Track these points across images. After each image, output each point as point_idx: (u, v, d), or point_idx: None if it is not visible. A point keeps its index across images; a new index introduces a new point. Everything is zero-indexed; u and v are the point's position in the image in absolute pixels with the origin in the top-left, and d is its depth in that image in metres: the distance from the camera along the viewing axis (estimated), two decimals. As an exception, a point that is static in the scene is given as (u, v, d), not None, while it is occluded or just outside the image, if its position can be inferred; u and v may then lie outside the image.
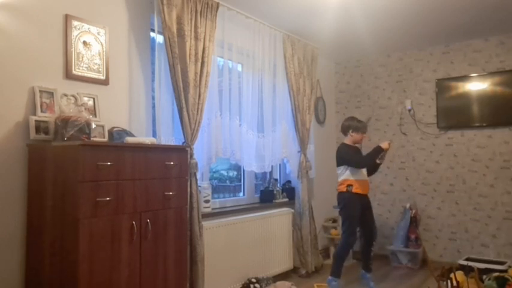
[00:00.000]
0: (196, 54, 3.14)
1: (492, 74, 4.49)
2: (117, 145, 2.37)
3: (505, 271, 3.01)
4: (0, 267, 2.24)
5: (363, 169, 3.84)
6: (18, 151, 2.32)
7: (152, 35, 3.13)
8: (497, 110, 4.44)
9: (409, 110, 5.00)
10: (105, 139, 2.64)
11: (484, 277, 2.79)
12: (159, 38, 3.10)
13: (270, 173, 4.53)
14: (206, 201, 3.41)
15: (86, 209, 2.09)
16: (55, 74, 2.51)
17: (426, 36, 4.52)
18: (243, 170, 4.09)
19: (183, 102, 3.01)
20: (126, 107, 2.91)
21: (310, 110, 4.54)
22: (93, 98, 2.66)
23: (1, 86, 2.27)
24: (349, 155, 3.79)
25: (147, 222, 2.40)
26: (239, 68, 3.90)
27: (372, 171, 3.97)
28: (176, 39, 2.99)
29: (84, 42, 2.64)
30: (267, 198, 4.24)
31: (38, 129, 2.34)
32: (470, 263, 3.39)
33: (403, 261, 4.68)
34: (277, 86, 4.22)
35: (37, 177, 2.31)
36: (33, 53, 2.41)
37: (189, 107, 3.06)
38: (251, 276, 3.64)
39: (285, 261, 4.16)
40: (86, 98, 2.62)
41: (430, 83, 4.89)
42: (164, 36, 2.94)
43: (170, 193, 2.56)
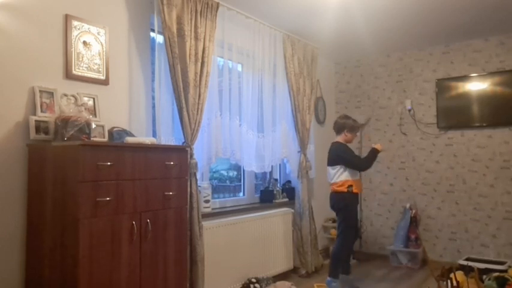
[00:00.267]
0: (196, 54, 3.14)
1: (492, 74, 4.49)
2: (117, 145, 2.37)
3: (505, 271, 3.01)
4: (0, 267, 2.24)
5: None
6: (18, 151, 2.32)
7: (152, 35, 3.13)
8: (497, 110, 4.44)
9: (409, 110, 5.00)
10: (105, 139, 2.64)
11: (484, 277, 2.79)
12: (159, 38, 3.10)
13: (270, 173, 4.53)
14: (206, 201, 3.42)
15: (86, 209, 2.09)
16: (55, 74, 2.51)
17: (426, 36, 4.52)
18: (243, 170, 4.09)
19: (183, 102, 3.01)
20: (126, 107, 2.91)
21: (310, 110, 4.54)
22: (93, 98, 2.67)
23: (1, 86, 2.27)
24: (351, 156, 3.80)
25: (147, 222, 2.40)
26: (239, 68, 3.90)
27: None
28: (176, 39, 2.99)
29: (84, 42, 2.64)
30: (267, 198, 4.24)
31: (38, 129, 2.35)
32: (470, 263, 3.39)
33: (403, 261, 4.68)
34: (277, 86, 4.22)
35: (37, 177, 2.31)
36: (33, 53, 2.41)
37: (189, 107, 3.06)
38: (251, 276, 3.64)
39: (285, 261, 4.15)
40: (86, 98, 2.62)
41: (430, 83, 4.89)
42: (164, 36, 2.94)
43: (170, 193, 2.56)
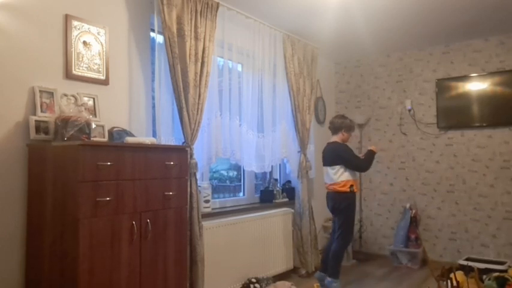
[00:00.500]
0: (196, 54, 3.14)
1: (492, 74, 4.49)
2: (117, 145, 2.37)
3: (505, 271, 3.01)
4: (0, 267, 2.24)
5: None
6: (18, 151, 2.32)
7: (152, 35, 3.13)
8: (497, 110, 4.44)
9: (409, 110, 5.00)
10: (105, 139, 2.64)
11: (484, 277, 2.79)
12: (159, 38, 3.10)
13: (270, 173, 4.53)
14: (206, 201, 3.41)
15: (86, 209, 2.09)
16: (55, 74, 2.51)
17: (426, 36, 4.51)
18: (243, 170, 4.09)
19: (183, 102, 3.01)
20: (126, 107, 2.91)
21: (310, 110, 4.54)
22: (93, 98, 2.66)
23: (1, 86, 2.27)
24: (352, 157, 3.80)
25: (147, 222, 2.40)
26: (239, 68, 3.90)
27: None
28: (176, 39, 2.99)
29: (84, 42, 2.64)
30: (267, 198, 4.24)
31: (38, 129, 2.35)
32: (470, 263, 3.39)
33: (403, 261, 4.68)
34: (277, 86, 4.22)
35: (37, 177, 2.31)
36: (33, 53, 2.41)
37: (189, 107, 3.06)
38: (251, 276, 3.64)
39: (285, 261, 4.15)
40: (86, 98, 2.62)
41: (430, 83, 4.89)
42: (164, 36, 2.94)
43: (170, 193, 2.56)
